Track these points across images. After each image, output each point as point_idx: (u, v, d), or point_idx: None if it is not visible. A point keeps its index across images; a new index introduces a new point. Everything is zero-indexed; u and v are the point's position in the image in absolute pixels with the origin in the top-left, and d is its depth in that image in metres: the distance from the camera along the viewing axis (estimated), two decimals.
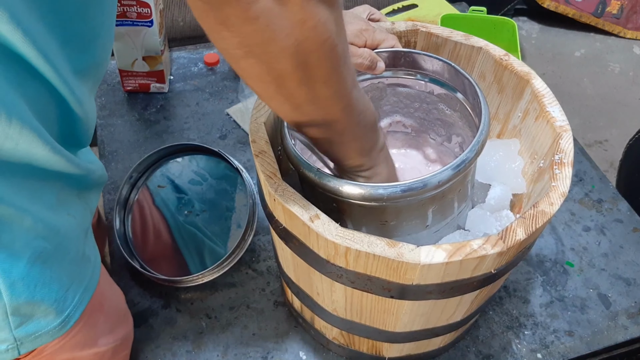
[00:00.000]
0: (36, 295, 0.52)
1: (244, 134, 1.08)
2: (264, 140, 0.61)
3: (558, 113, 0.65)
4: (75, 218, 0.58)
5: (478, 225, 0.67)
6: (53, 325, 0.55)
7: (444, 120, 0.74)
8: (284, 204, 0.55)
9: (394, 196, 0.55)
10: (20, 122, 0.46)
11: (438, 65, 0.69)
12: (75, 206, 0.60)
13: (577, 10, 2.28)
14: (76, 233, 0.59)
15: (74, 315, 0.58)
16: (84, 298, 0.59)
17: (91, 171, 0.61)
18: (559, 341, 0.83)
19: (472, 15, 1.31)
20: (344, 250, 0.52)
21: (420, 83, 0.72)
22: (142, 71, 1.11)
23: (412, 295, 0.56)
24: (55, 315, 0.55)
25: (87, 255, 0.61)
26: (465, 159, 0.57)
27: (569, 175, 0.59)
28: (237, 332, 0.82)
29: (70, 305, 0.57)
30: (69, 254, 0.57)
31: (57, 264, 0.54)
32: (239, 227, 0.88)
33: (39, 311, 0.54)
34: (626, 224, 0.97)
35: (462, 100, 0.68)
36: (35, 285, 0.52)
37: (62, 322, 0.56)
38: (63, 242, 0.55)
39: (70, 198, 0.59)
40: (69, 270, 0.56)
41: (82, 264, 0.59)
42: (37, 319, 0.54)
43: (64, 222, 0.56)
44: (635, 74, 2.22)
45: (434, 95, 0.71)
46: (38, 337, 0.55)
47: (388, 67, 0.71)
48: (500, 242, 0.52)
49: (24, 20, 0.44)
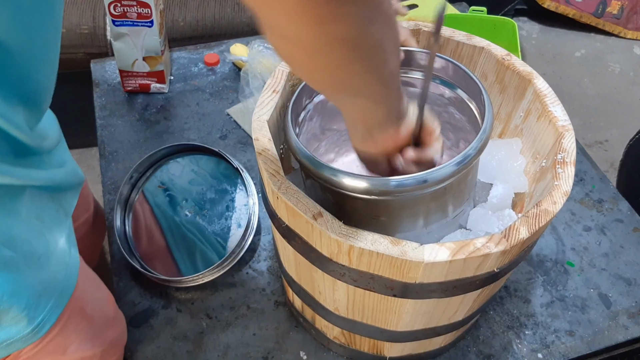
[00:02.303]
0: (3, 303, 0.51)
1: (244, 134, 1.08)
2: (266, 138, 0.61)
3: (560, 113, 0.65)
4: (44, 223, 0.57)
5: (480, 225, 0.67)
6: (25, 332, 0.55)
7: (453, 124, 0.74)
8: (287, 202, 0.54)
9: (395, 190, 0.55)
10: None
11: (444, 64, 0.69)
12: (48, 210, 0.58)
13: (577, 11, 2.29)
14: (46, 238, 0.57)
15: (48, 321, 0.57)
16: (59, 303, 0.58)
17: (60, 177, 0.60)
18: (560, 341, 0.83)
19: (472, 15, 1.31)
20: (347, 248, 0.52)
21: (432, 84, 0.71)
22: (143, 71, 1.11)
23: (414, 293, 0.56)
24: (27, 322, 0.54)
25: (60, 260, 0.59)
26: (468, 155, 0.57)
27: (571, 174, 0.59)
28: (238, 332, 0.82)
29: (43, 311, 0.56)
30: (39, 260, 0.55)
31: (25, 271, 0.53)
32: (239, 227, 0.88)
33: (8, 319, 0.53)
34: (626, 224, 0.97)
35: (468, 103, 0.68)
36: (2, 294, 0.51)
37: (35, 329, 0.55)
38: (31, 248, 0.54)
39: (40, 202, 0.58)
40: (39, 276, 0.55)
41: (55, 270, 0.58)
42: (8, 326, 0.53)
43: (32, 227, 0.55)
44: (635, 74, 2.22)
45: (445, 98, 0.71)
46: (10, 345, 0.54)
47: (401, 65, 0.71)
48: (503, 240, 0.52)
49: None
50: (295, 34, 0.38)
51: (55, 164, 0.62)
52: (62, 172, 0.61)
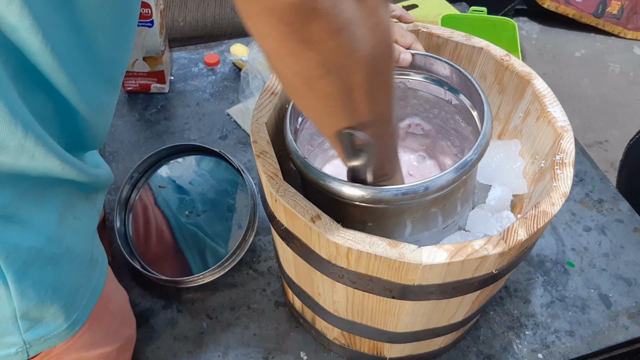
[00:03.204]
0: (46, 299, 0.52)
1: (244, 135, 1.08)
2: (265, 141, 0.61)
3: (559, 113, 0.65)
4: (81, 221, 0.58)
5: (478, 226, 0.67)
6: (62, 328, 0.55)
7: (459, 131, 0.74)
8: (285, 205, 0.55)
9: (395, 199, 0.55)
10: (35, 135, 0.45)
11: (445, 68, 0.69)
12: (83, 209, 0.59)
13: (577, 11, 2.28)
14: (83, 236, 0.59)
15: (82, 318, 0.58)
16: (91, 300, 0.59)
17: (98, 176, 0.61)
18: (560, 341, 0.83)
19: (472, 15, 1.31)
20: (346, 250, 0.52)
21: (440, 90, 0.71)
22: (143, 71, 1.11)
23: (413, 295, 0.56)
24: (64, 318, 0.55)
25: (94, 258, 0.60)
26: (467, 160, 0.57)
27: (570, 175, 0.59)
28: (238, 333, 0.82)
29: (78, 307, 0.57)
30: (78, 257, 0.56)
31: (65, 268, 0.54)
32: (240, 228, 0.88)
33: (48, 315, 0.54)
34: (627, 224, 0.97)
35: (471, 110, 0.68)
36: (45, 290, 0.52)
37: (71, 325, 0.56)
38: (71, 245, 0.55)
39: (78, 201, 0.59)
40: (77, 273, 0.56)
41: (89, 267, 0.59)
42: (47, 322, 0.54)
43: (71, 225, 0.56)
44: (635, 74, 2.22)
45: (452, 105, 0.71)
46: (47, 340, 0.55)
47: (408, 68, 0.72)
48: (501, 242, 0.52)
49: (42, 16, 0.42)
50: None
51: (93, 164, 0.62)
52: (100, 172, 0.62)
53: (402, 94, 0.75)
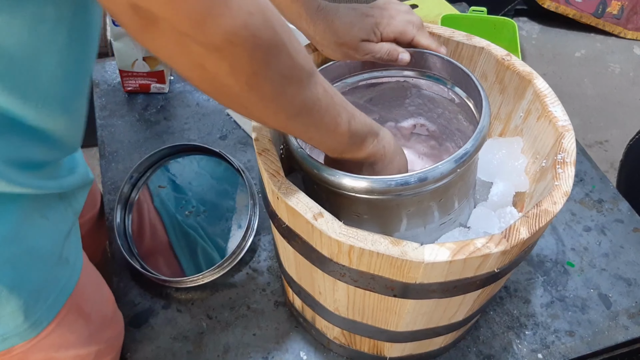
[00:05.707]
0: (2, 298, 0.51)
1: (244, 135, 1.08)
2: (267, 139, 0.61)
3: (560, 113, 0.65)
4: (49, 220, 0.57)
5: (480, 223, 0.67)
6: (22, 327, 0.55)
7: (462, 131, 0.74)
8: (287, 202, 0.54)
9: (387, 189, 0.55)
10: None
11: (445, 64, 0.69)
12: (55, 207, 0.58)
13: (577, 11, 2.29)
14: (51, 235, 0.57)
15: (47, 318, 0.57)
16: (59, 300, 0.58)
17: (63, 185, 0.59)
18: (560, 341, 0.83)
19: (472, 15, 1.31)
20: (348, 248, 0.52)
21: (443, 89, 0.71)
22: (143, 71, 1.11)
23: (415, 294, 0.56)
24: (25, 318, 0.54)
25: (64, 258, 0.59)
26: (466, 152, 0.57)
27: (571, 174, 0.59)
28: (238, 333, 0.82)
29: (41, 308, 0.56)
30: (42, 256, 0.55)
31: (25, 268, 0.53)
32: (240, 228, 0.88)
33: (6, 314, 0.53)
34: (627, 224, 0.97)
35: (473, 109, 0.68)
36: (1, 289, 0.51)
37: (33, 325, 0.55)
38: (34, 245, 0.54)
39: (50, 200, 0.57)
40: (40, 273, 0.55)
41: (57, 266, 0.58)
42: (4, 321, 0.53)
43: (36, 225, 0.55)
44: (635, 74, 2.23)
45: (455, 104, 0.71)
46: (6, 340, 0.55)
47: (409, 66, 0.72)
48: (503, 240, 0.52)
49: None
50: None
51: (65, 172, 0.61)
52: (71, 179, 0.61)
53: (404, 93, 0.75)
